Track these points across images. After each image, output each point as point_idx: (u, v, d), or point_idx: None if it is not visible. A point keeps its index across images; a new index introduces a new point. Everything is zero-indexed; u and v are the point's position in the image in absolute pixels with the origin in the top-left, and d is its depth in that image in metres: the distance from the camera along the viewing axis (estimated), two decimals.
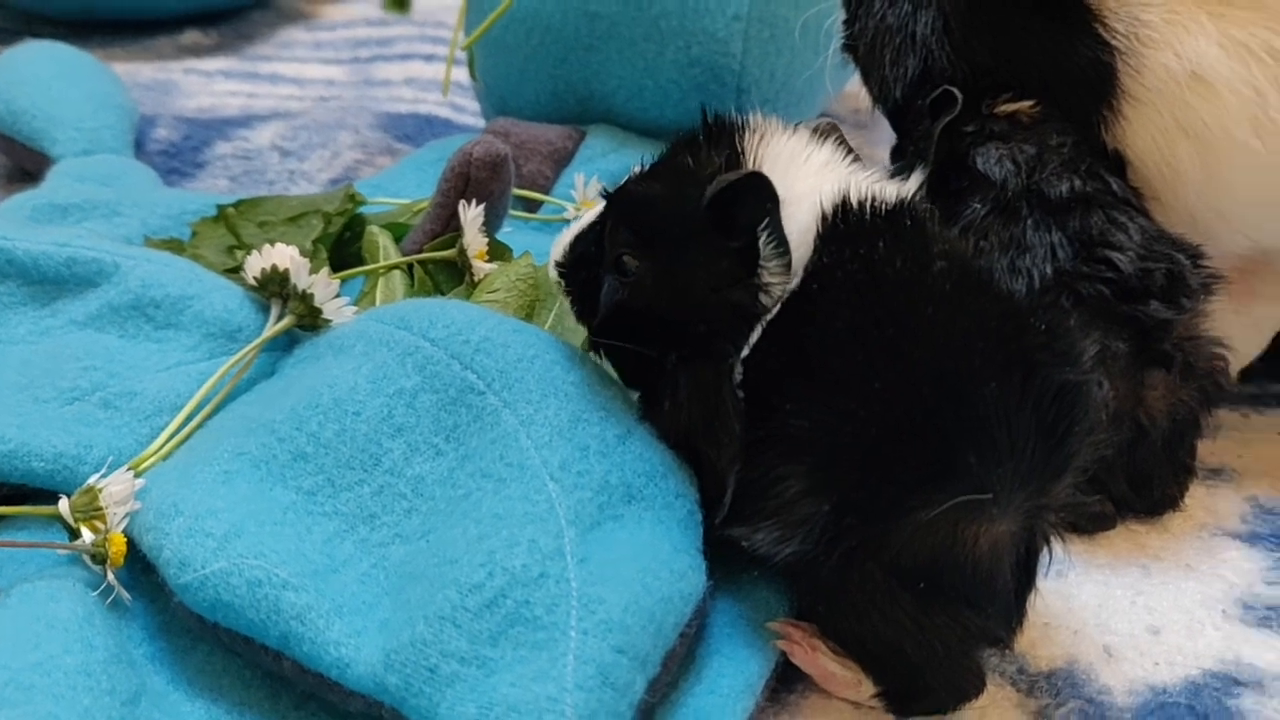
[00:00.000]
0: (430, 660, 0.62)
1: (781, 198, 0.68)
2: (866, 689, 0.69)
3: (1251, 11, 0.81)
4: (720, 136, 0.73)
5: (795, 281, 0.68)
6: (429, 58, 1.69)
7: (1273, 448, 0.93)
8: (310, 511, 0.71)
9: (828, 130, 0.75)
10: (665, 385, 0.73)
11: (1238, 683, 0.71)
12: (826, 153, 0.73)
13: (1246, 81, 0.80)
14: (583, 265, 0.76)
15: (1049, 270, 0.80)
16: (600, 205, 0.76)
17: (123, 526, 0.70)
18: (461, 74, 1.41)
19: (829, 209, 0.69)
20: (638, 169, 0.75)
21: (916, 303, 0.66)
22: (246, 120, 1.45)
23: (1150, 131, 0.84)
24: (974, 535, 0.65)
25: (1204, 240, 0.84)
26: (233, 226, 1.04)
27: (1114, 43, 0.83)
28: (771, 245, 0.68)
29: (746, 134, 0.72)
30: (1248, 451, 0.92)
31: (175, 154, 1.36)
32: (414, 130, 1.44)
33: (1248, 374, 0.94)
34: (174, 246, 1.00)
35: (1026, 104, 0.87)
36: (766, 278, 0.69)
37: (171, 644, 0.70)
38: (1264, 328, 0.92)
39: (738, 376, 0.69)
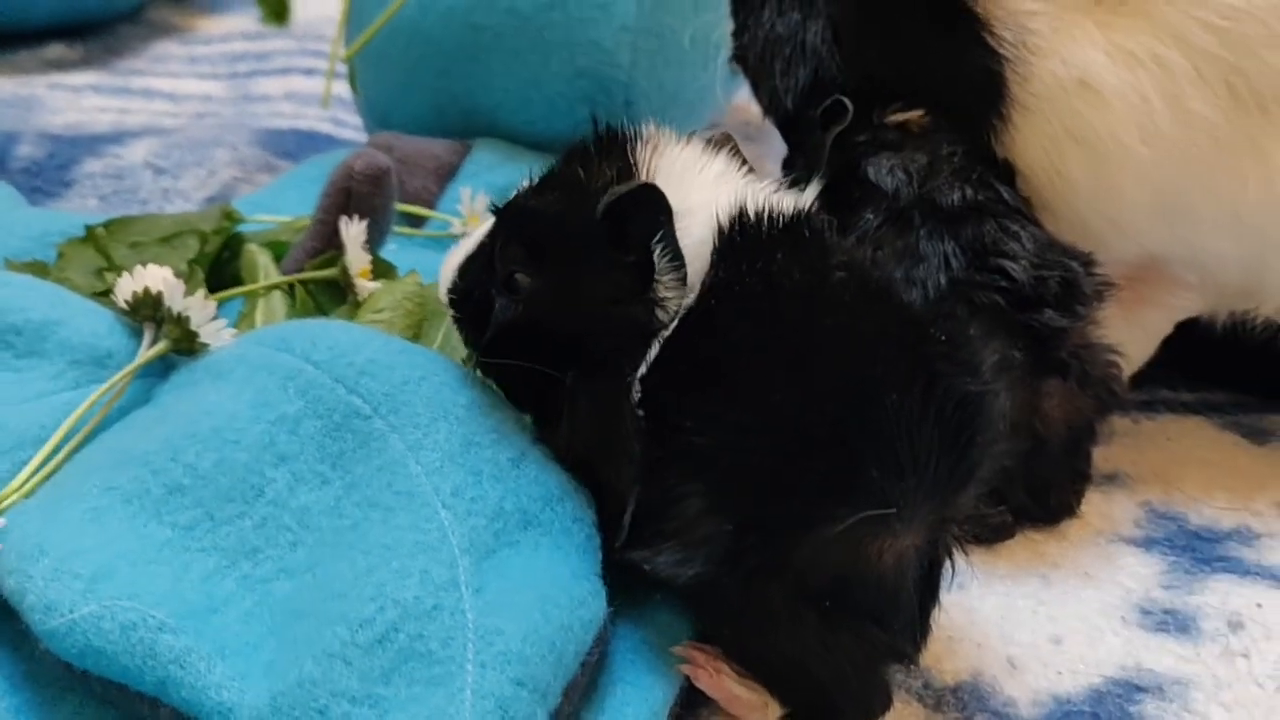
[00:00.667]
0: (319, 701, 0.59)
1: (676, 210, 0.67)
2: (773, 711, 0.68)
3: (1137, 20, 0.82)
4: (612, 147, 0.71)
5: (692, 296, 0.67)
6: (309, 72, 1.65)
7: (1163, 453, 0.94)
8: (187, 548, 0.67)
9: (722, 141, 0.74)
10: (560, 406, 0.71)
11: (1139, 689, 0.72)
12: (721, 163, 0.72)
13: (1133, 89, 0.81)
14: (473, 288, 0.73)
15: (943, 280, 0.80)
16: (488, 222, 0.74)
17: None
18: (343, 87, 1.37)
19: (725, 221, 0.67)
20: (526, 183, 0.72)
21: (816, 314, 0.65)
22: (118, 137, 1.39)
23: (1040, 139, 0.85)
24: (878, 550, 0.64)
25: (1095, 248, 0.84)
26: (102, 248, 0.99)
27: (1002, 51, 0.84)
28: (667, 259, 0.67)
29: (639, 145, 0.71)
30: (1140, 457, 0.94)
31: (39, 173, 1.30)
32: (294, 146, 1.40)
33: (1137, 380, 0.95)
34: (37, 270, 0.95)
35: (916, 113, 0.87)
36: (662, 292, 0.67)
37: (38, 695, 0.66)
38: (1153, 333, 0.93)
39: (635, 395, 0.67)
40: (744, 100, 1.19)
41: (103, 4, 1.77)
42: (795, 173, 0.88)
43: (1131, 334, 0.89)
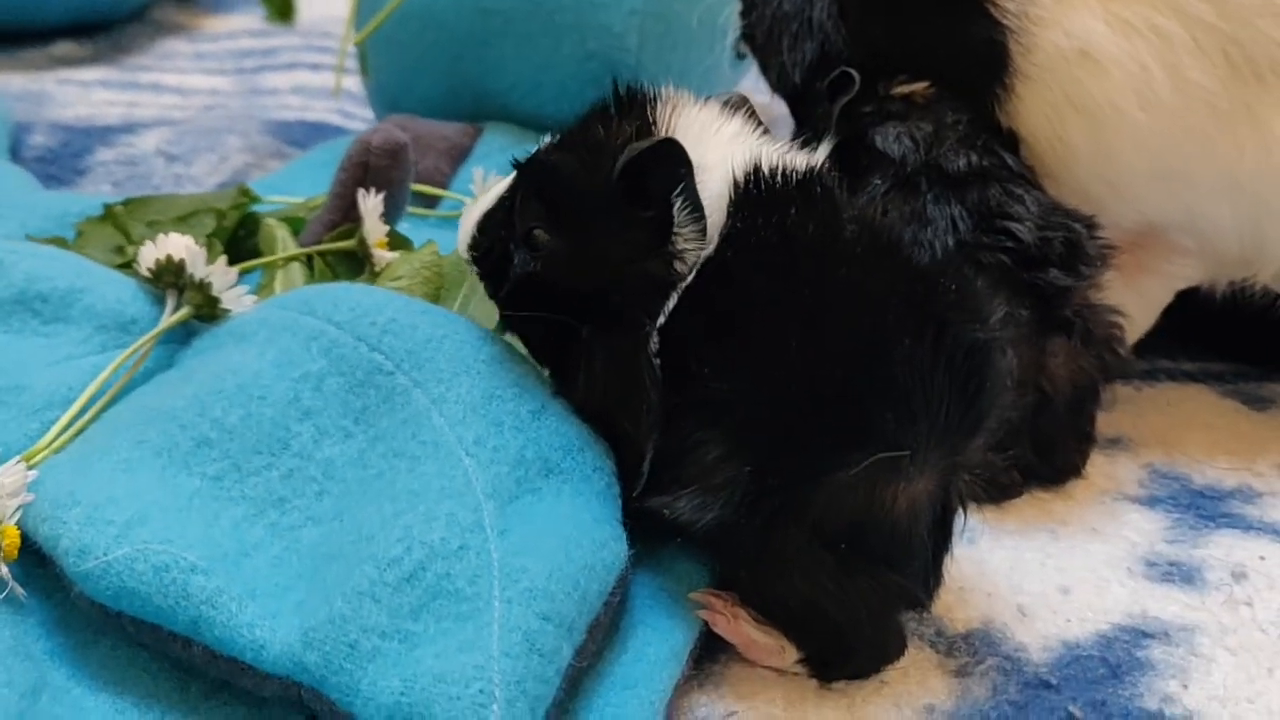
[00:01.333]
0: (350, 636, 0.60)
1: (695, 165, 0.68)
2: (790, 655, 0.69)
3: None
4: (631, 107, 0.72)
5: (710, 248, 0.68)
6: (315, 67, 1.67)
7: (1164, 417, 0.96)
8: (217, 497, 0.68)
9: (738, 103, 0.75)
10: (580, 359, 0.72)
11: (1145, 635, 0.73)
12: (737, 123, 0.73)
13: (1132, 57, 0.83)
14: (493, 242, 0.75)
15: (950, 242, 0.82)
16: (507, 179, 0.76)
17: (15, 519, 0.66)
18: (351, 80, 1.39)
19: (741, 176, 0.69)
20: (548, 140, 0.74)
21: (830, 266, 0.67)
22: (130, 127, 1.41)
23: (1042, 108, 0.87)
24: (892, 494, 0.65)
25: (1096, 214, 0.86)
26: (121, 225, 1.01)
27: (1005, 23, 0.86)
28: (686, 212, 0.68)
29: (658, 104, 0.72)
30: (1142, 421, 0.95)
31: (54, 160, 1.32)
32: (303, 136, 1.42)
33: (1137, 350, 0.97)
34: (59, 245, 0.96)
35: (921, 85, 0.89)
36: (681, 245, 0.68)
37: (72, 638, 0.67)
38: (1153, 301, 0.95)
39: (654, 345, 0.68)
40: (747, 86, 1.21)
41: (109, 3, 1.79)
42: (807, 135, 0.90)
43: (1132, 301, 0.91)
